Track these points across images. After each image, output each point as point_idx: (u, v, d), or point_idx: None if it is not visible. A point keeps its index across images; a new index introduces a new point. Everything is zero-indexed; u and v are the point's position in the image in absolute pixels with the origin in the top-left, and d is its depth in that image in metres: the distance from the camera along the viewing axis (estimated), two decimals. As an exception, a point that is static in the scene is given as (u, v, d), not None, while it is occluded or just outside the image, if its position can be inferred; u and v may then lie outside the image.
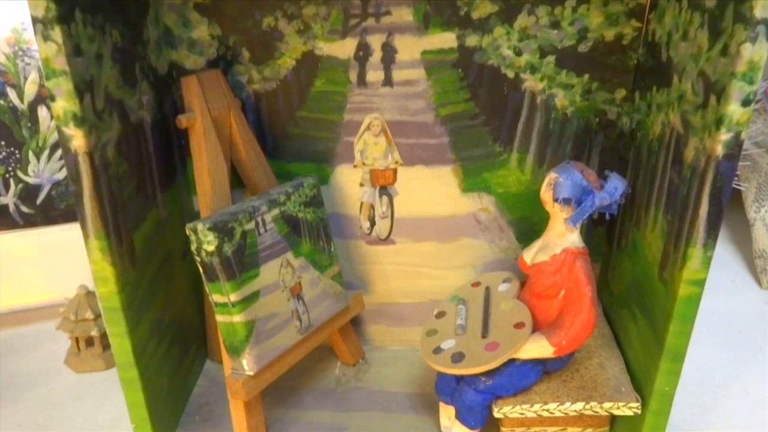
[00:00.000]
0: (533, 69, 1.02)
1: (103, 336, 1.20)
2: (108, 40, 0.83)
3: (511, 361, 0.89)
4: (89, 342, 1.22)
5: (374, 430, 1.04)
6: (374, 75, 1.04)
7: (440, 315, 1.01)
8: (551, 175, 0.90)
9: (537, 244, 0.96)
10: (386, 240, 1.16)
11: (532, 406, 0.91)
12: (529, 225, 1.12)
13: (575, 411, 0.91)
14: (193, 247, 0.89)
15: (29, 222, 1.29)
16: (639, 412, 0.91)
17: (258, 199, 0.96)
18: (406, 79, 1.04)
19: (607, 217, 0.91)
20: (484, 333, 0.93)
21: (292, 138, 1.08)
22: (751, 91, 0.69)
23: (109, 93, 0.83)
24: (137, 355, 0.91)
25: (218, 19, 1.01)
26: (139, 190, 0.92)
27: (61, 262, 1.31)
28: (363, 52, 1.02)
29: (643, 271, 0.93)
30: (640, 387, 0.92)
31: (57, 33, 0.71)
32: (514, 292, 0.98)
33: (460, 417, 0.95)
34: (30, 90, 1.22)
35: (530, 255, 0.96)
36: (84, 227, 0.82)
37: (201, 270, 0.90)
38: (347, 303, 1.10)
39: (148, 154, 0.96)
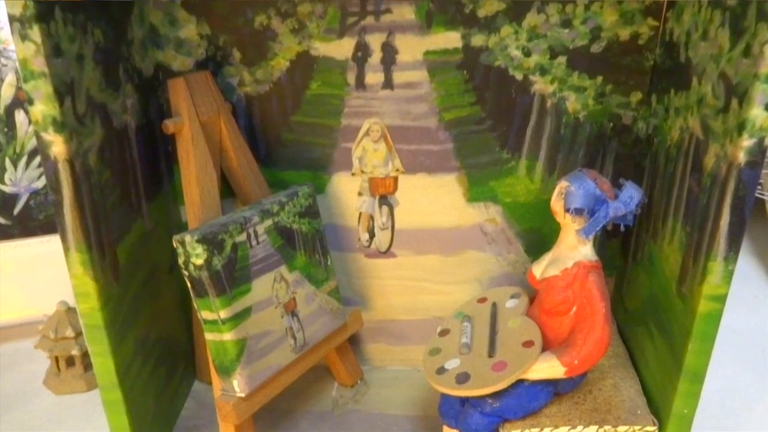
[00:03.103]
0: (543, 70, 1.02)
1: (85, 355, 1.20)
2: (90, 40, 0.83)
3: (520, 381, 0.89)
4: (70, 362, 1.21)
5: (373, 455, 1.05)
6: (374, 77, 1.04)
7: (444, 333, 1.01)
8: (562, 184, 0.90)
9: (547, 258, 0.96)
10: (386, 253, 1.15)
11: (542, 430, 0.91)
12: (538, 237, 1.12)
13: (588, 436, 0.91)
14: (181, 260, 0.89)
15: (6, 234, 1.29)
16: (656, 436, 0.91)
17: (250, 209, 0.96)
18: (408, 82, 1.04)
19: (622, 228, 0.91)
20: (491, 352, 0.92)
21: (286, 144, 1.08)
22: (775, 94, 0.69)
23: (90, 96, 0.83)
24: (121, 376, 0.90)
25: (207, 17, 1.01)
26: (122, 199, 0.92)
27: (40, 277, 1.31)
28: (362, 53, 1.02)
29: (660, 286, 0.93)
30: (657, 409, 0.92)
31: (35, 32, 0.71)
32: (522, 309, 0.98)
33: (466, 442, 0.95)
34: (7, 93, 1.22)
35: (540, 269, 0.96)
36: (64, 239, 0.82)
37: (189, 285, 0.90)
38: (345, 320, 1.09)
39: (132, 162, 0.96)
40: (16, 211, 1.28)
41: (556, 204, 0.91)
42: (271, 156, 1.09)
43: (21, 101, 1.22)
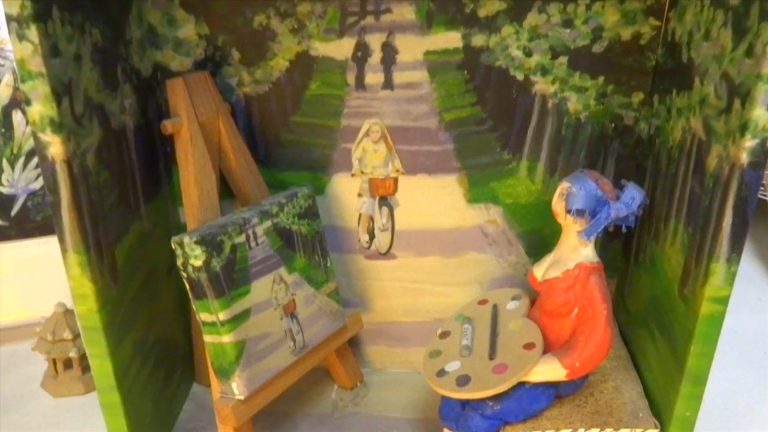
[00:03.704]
0: (544, 71, 1.02)
1: (83, 357, 1.20)
2: (88, 40, 0.83)
3: (521, 384, 0.89)
4: (67, 364, 1.21)
5: (373, 458, 1.04)
6: (373, 77, 1.04)
7: (444, 335, 1.01)
8: (563, 185, 0.90)
9: (548, 259, 0.96)
10: (386, 254, 1.15)
11: (543, 433, 0.91)
12: (539, 238, 1.12)
13: (590, 438, 0.91)
14: (179, 261, 0.88)
15: (3, 235, 1.29)
16: (658, 439, 0.91)
17: (249, 210, 0.96)
18: (408, 82, 1.04)
19: (624, 229, 0.91)
20: (492, 354, 0.92)
21: (285, 145, 1.08)
22: (778, 94, 0.69)
23: (88, 96, 0.83)
24: (119, 378, 0.90)
25: (206, 17, 1.01)
26: (121, 200, 0.92)
27: (38, 279, 1.31)
28: (361, 53, 1.02)
29: (662, 288, 0.93)
30: (659, 412, 0.92)
31: (33, 32, 0.71)
32: (523, 311, 0.98)
33: (466, 445, 0.95)
34: (4, 93, 1.22)
35: (541, 270, 0.96)
36: (62, 241, 0.81)
37: (187, 286, 0.90)
38: (344, 322, 1.09)
39: (130, 162, 0.96)
40: (13, 212, 1.28)
41: (558, 205, 0.91)
42: (271, 157, 1.09)
43: (18, 102, 1.22)
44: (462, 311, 1.04)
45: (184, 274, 0.89)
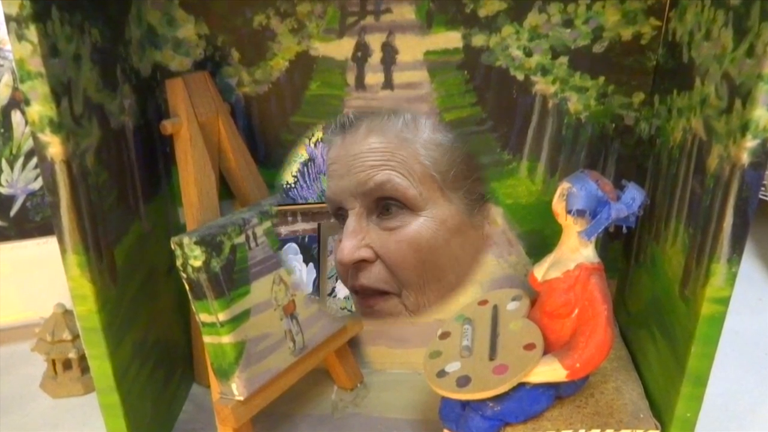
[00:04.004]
0: (544, 71, 1.02)
1: (82, 358, 1.20)
2: (87, 40, 0.83)
3: (521, 385, 0.89)
4: (67, 365, 1.21)
5: (373, 459, 1.04)
6: (373, 77, 1.04)
7: (444, 335, 1.01)
8: (564, 185, 0.90)
9: (549, 260, 0.95)
10: (386, 254, 1.15)
11: (543, 434, 0.91)
12: (540, 239, 1.12)
13: (590, 439, 0.91)
14: (179, 262, 0.88)
15: (2, 235, 1.29)
16: (659, 440, 0.90)
17: (248, 210, 0.96)
18: (408, 82, 1.04)
19: (624, 230, 0.90)
20: (492, 355, 0.92)
21: (285, 145, 1.08)
22: (779, 94, 0.69)
23: (88, 97, 0.83)
24: (118, 379, 0.90)
25: (206, 17, 1.01)
26: (120, 201, 0.92)
27: (37, 279, 1.30)
28: (361, 53, 1.02)
29: (662, 289, 0.93)
30: (660, 413, 0.92)
31: (32, 32, 0.71)
32: (523, 311, 0.97)
33: (466, 446, 0.95)
34: (3, 93, 1.21)
35: (541, 271, 0.95)
36: (61, 241, 0.81)
37: (187, 287, 0.90)
38: (344, 323, 1.09)
39: (130, 163, 0.96)
40: (12, 212, 1.28)
41: (558, 205, 0.90)
42: (270, 157, 1.09)
43: (17, 102, 1.22)
44: (462, 312, 1.04)
45: (184, 275, 0.89)
